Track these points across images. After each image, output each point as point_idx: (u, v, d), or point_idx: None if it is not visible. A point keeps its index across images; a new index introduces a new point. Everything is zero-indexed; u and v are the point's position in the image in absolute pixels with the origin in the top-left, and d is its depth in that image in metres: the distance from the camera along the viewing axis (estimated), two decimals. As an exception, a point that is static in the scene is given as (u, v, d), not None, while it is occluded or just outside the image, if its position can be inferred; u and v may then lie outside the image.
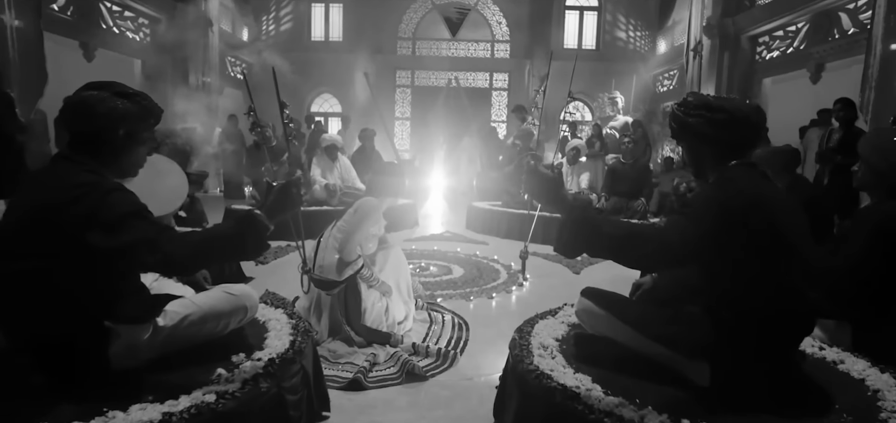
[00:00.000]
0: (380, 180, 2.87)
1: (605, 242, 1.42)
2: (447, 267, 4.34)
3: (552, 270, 4.60)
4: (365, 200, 2.74)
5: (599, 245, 1.43)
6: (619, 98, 11.45)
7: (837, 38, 8.46)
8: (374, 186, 2.87)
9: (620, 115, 11.17)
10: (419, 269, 4.22)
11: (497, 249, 5.38)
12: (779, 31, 10.15)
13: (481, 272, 4.20)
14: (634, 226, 1.80)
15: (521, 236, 5.91)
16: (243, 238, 1.44)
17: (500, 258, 4.79)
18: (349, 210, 2.72)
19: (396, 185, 2.88)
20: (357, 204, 2.73)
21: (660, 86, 15.54)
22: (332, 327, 2.62)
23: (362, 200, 2.74)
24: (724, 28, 11.29)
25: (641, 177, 6.06)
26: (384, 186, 2.85)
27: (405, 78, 15.95)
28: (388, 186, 2.86)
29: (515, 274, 4.21)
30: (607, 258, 1.47)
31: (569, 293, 3.59)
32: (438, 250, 5.10)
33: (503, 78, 16.09)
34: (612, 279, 4.05)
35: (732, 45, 11.32)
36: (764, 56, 10.78)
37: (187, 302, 1.59)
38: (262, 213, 1.49)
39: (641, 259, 1.50)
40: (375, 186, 2.86)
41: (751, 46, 11.09)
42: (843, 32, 8.35)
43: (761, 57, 10.88)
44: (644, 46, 16.19)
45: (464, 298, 3.51)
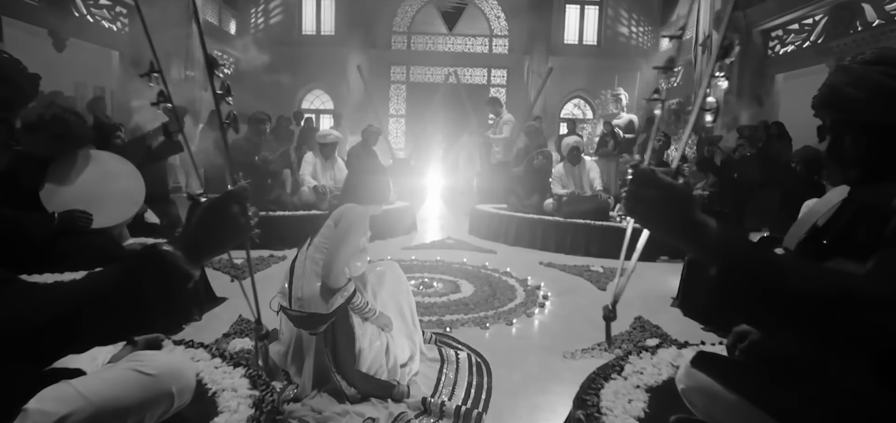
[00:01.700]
0: (363, 182, 2.29)
1: (806, 307, 0.75)
2: (454, 283, 3.77)
3: (573, 285, 4.03)
4: (347, 207, 2.17)
5: (793, 314, 0.77)
6: (623, 95, 10.94)
7: (860, 30, 7.96)
8: (357, 189, 2.29)
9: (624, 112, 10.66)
10: (422, 286, 3.63)
11: (507, 259, 4.81)
12: (794, 24, 9.66)
13: (495, 290, 3.62)
14: (840, 275, 0.95)
15: (531, 242, 5.37)
16: (136, 296, 0.81)
17: (513, 271, 4.22)
18: (327, 221, 2.14)
19: (382, 187, 2.31)
20: (338, 213, 2.15)
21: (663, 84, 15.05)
22: (317, 377, 2.04)
23: (344, 208, 2.16)
24: (735, 21, 10.80)
25: (664, 178, 5.50)
26: (368, 188, 2.27)
27: (400, 74, 15.35)
28: (373, 190, 2.28)
29: (533, 291, 3.64)
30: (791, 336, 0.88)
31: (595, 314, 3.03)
32: (442, 261, 4.53)
33: (501, 74, 15.52)
34: (643, 295, 3.51)
35: (744, 40, 10.84)
36: (777, 51, 10.30)
37: (70, 392, 1.00)
38: (174, 248, 0.86)
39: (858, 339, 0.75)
40: (358, 189, 2.27)
41: (763, 41, 10.60)
42: (867, 24, 7.84)
43: (774, 52, 10.39)
44: (647, 42, 15.68)
45: (478, 324, 2.94)
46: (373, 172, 2.28)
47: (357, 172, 2.25)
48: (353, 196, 2.24)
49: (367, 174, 2.25)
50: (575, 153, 5.81)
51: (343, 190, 2.32)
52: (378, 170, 2.30)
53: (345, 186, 2.33)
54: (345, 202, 2.21)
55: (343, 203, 2.20)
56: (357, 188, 2.25)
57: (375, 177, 2.26)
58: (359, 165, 2.40)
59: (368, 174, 2.25)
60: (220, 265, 4.14)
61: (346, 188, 2.31)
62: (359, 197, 2.23)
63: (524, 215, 5.54)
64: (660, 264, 4.94)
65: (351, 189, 2.28)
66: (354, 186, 2.27)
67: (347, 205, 2.16)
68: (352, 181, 2.29)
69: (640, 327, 3.00)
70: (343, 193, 2.29)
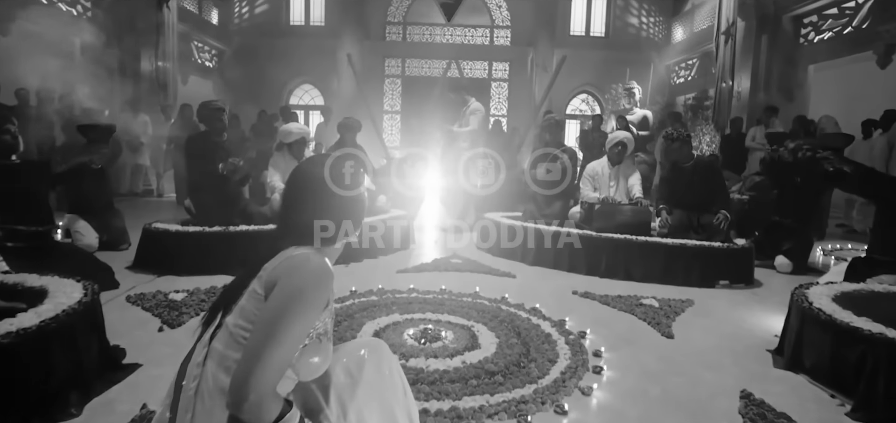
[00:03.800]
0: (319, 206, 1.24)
1: None
2: (469, 332, 2.76)
3: (627, 330, 3.04)
4: (293, 260, 1.13)
5: None
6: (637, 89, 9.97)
7: (918, 12, 7.01)
8: (304, 221, 1.24)
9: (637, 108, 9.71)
10: (424, 340, 2.62)
11: (531, 286, 3.82)
12: (832, 8, 8.69)
13: (527, 343, 2.62)
14: None
15: (556, 261, 4.36)
16: None
17: (543, 307, 3.22)
18: (253, 284, 1.12)
19: (352, 208, 1.28)
20: (275, 269, 1.12)
21: (675, 77, 14.12)
22: None
23: (287, 261, 1.13)
24: (763, 7, 9.85)
25: (711, 180, 4.52)
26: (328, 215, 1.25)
27: (395, 67, 14.35)
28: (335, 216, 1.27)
29: (578, 344, 2.64)
30: None
31: (675, 384, 2.07)
32: (449, 292, 3.52)
33: (504, 68, 14.57)
34: (719, 341, 2.48)
35: (772, 27, 9.89)
36: (811, 39, 9.34)
37: None
38: None
39: None
40: (307, 219, 1.24)
41: (794, 28, 9.65)
42: (926, 5, 6.90)
43: (807, 40, 9.44)
44: (658, 34, 14.72)
45: (514, 415, 1.93)
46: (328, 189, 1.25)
47: (306, 191, 1.21)
48: (299, 233, 1.22)
49: (321, 193, 1.21)
50: (620, 152, 4.80)
51: (280, 221, 1.27)
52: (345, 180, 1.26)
53: (283, 214, 1.26)
54: (285, 245, 1.19)
55: (283, 247, 1.18)
56: (305, 218, 1.22)
57: (336, 197, 1.23)
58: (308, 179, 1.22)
59: (322, 194, 1.22)
60: (152, 302, 3.11)
61: (285, 220, 1.25)
62: (310, 234, 1.22)
63: (546, 228, 4.53)
64: (719, 290, 3.96)
65: (294, 224, 1.24)
66: (298, 216, 1.23)
67: (292, 255, 1.14)
68: (295, 208, 1.23)
69: (759, 413, 2.01)
70: (281, 228, 1.25)
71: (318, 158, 1.28)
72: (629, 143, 4.86)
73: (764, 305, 3.61)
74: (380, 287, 3.56)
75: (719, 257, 4.06)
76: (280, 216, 1.26)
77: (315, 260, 1.12)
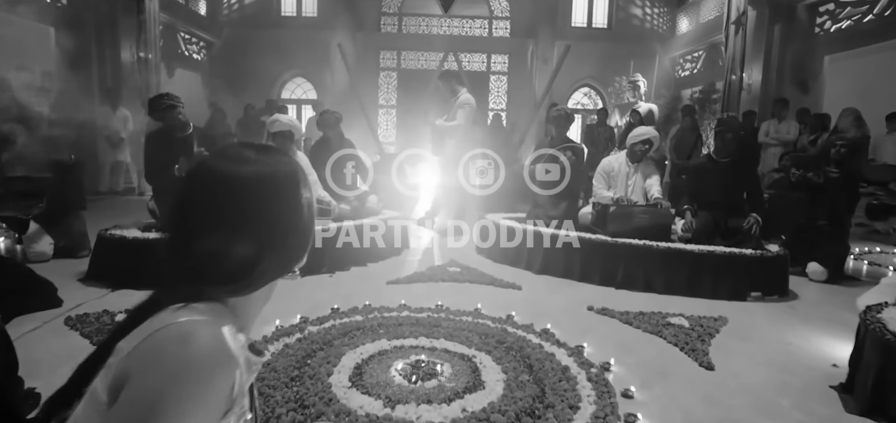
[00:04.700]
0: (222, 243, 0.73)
1: None
2: (470, 365, 2.28)
3: (656, 357, 2.58)
4: (161, 338, 0.64)
5: None
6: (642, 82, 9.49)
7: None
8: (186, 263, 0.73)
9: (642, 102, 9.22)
10: (415, 376, 2.14)
11: (540, 300, 3.36)
12: (852, -5, 8.22)
13: (541, 380, 2.14)
14: None
15: (567, 270, 3.89)
16: None
17: (556, 329, 2.75)
18: (95, 383, 0.64)
19: (297, 235, 0.78)
20: (134, 353, 0.63)
21: (680, 70, 13.65)
22: None
23: (152, 342, 0.64)
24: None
25: (747, 180, 4.05)
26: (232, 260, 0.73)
27: (390, 59, 13.84)
28: (283, 244, 0.77)
29: (602, 379, 2.17)
30: None
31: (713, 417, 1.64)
32: (446, 309, 3.05)
33: (503, 60, 14.07)
34: (770, 376, 2.03)
35: (786, 16, 9.42)
36: (827, 28, 8.87)
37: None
38: None
39: None
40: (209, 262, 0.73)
41: (809, 17, 9.18)
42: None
43: (823, 29, 8.97)
44: (663, 25, 14.23)
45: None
46: (258, 202, 0.75)
47: (214, 202, 0.71)
48: (192, 274, 0.73)
49: (242, 207, 0.71)
50: (642, 150, 4.31)
51: (167, 251, 0.74)
52: (290, 193, 0.76)
53: (171, 240, 0.74)
54: (166, 300, 0.69)
55: (161, 305, 0.69)
56: (207, 247, 0.72)
57: (270, 216, 0.74)
58: (222, 183, 0.73)
59: (244, 208, 0.72)
60: (94, 326, 2.62)
61: (173, 249, 0.73)
62: (214, 273, 0.72)
63: (554, 232, 4.06)
64: (752, 303, 3.50)
65: (186, 257, 0.72)
66: (196, 242, 0.72)
67: (158, 329, 0.65)
68: (193, 228, 0.72)
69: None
70: (168, 264, 0.74)
71: (245, 153, 0.78)
72: (656, 140, 4.38)
73: (807, 322, 3.15)
74: (367, 303, 3.09)
75: (751, 265, 3.59)
76: (167, 244, 0.77)
77: (200, 339, 0.64)
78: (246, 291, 0.75)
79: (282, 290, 0.87)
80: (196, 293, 0.69)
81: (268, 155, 0.78)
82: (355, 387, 2.05)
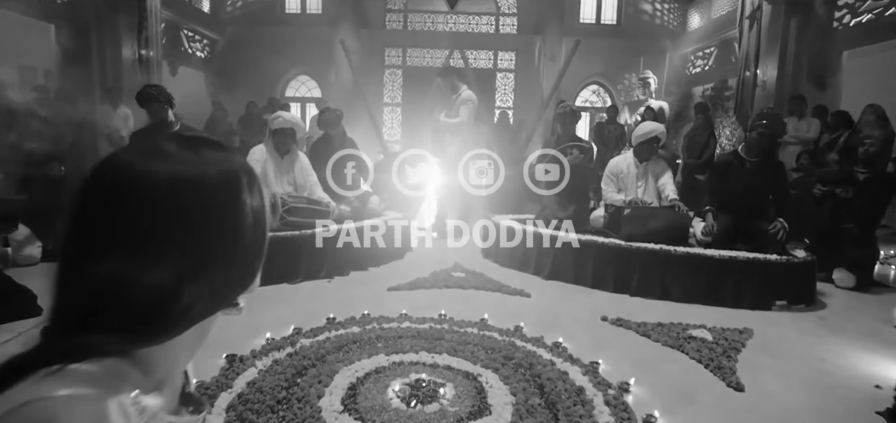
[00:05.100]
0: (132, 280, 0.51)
1: None
2: (475, 385, 2.08)
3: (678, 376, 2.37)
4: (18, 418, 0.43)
5: None
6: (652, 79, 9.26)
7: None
8: None
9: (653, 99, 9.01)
10: (415, 401, 1.94)
11: (550, 309, 3.15)
12: (872, -12, 7.93)
13: (553, 405, 1.94)
14: None
15: (577, 276, 3.67)
16: None
17: (568, 343, 2.54)
18: None
19: (213, 294, 0.57)
20: None
21: (691, 67, 13.35)
22: None
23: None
24: (795, -12, 9.08)
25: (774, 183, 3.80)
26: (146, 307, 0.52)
27: (396, 57, 13.64)
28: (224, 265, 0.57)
29: (621, 403, 1.96)
30: None
31: None
32: (450, 320, 2.85)
33: (509, 57, 13.83)
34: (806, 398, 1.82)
35: (802, 11, 9.11)
36: (846, 22, 8.58)
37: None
38: None
39: None
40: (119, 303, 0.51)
41: (827, 10, 8.88)
42: None
43: (842, 23, 8.67)
44: (673, 21, 13.93)
45: None
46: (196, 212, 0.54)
47: (130, 209, 0.51)
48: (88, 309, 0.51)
49: (172, 217, 0.52)
50: (650, 147, 4.08)
51: (55, 282, 0.56)
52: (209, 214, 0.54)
53: (62, 266, 0.55)
54: (24, 389, 0.49)
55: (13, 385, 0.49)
56: (111, 270, 0.50)
57: (213, 232, 0.53)
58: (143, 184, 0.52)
59: (176, 220, 0.52)
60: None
61: (64, 277, 0.53)
62: (112, 329, 0.51)
63: (564, 236, 3.85)
64: (777, 313, 3.28)
65: (80, 288, 0.51)
66: (97, 265, 0.50)
67: (14, 408, 0.45)
68: (95, 248, 0.52)
69: None
70: (54, 296, 0.54)
71: (165, 147, 0.56)
72: (662, 136, 4.15)
73: (839, 334, 2.92)
74: (365, 313, 2.89)
75: (777, 272, 3.36)
76: (56, 272, 0.55)
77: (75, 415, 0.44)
78: (161, 336, 0.53)
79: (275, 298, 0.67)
80: (82, 347, 0.49)
81: (197, 151, 0.57)
82: (347, 411, 1.85)
